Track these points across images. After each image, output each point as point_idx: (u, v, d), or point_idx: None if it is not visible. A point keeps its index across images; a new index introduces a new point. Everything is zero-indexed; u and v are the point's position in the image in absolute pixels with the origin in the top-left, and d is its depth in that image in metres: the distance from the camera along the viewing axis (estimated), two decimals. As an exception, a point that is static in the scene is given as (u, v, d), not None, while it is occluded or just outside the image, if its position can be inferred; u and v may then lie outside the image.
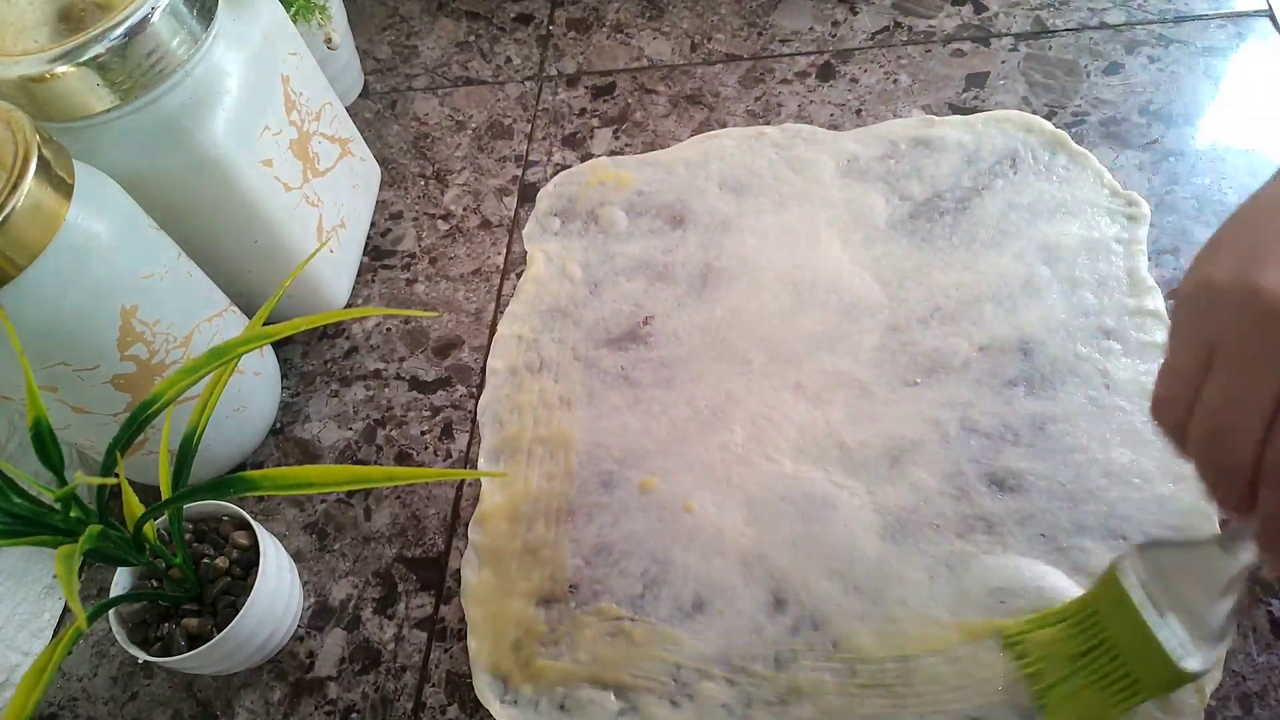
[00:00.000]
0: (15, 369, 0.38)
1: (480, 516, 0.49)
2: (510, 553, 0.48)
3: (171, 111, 0.46)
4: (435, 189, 0.66)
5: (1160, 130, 0.58)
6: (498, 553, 0.48)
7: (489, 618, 0.46)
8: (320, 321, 0.39)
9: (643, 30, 0.72)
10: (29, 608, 0.50)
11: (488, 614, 0.46)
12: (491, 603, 0.47)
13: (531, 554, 0.48)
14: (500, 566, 0.48)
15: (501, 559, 0.48)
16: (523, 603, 0.46)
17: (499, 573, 0.47)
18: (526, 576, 0.47)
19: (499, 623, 0.46)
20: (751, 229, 0.58)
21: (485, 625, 0.46)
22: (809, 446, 0.49)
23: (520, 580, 0.47)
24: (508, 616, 0.46)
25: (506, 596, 0.47)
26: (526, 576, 0.47)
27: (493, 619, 0.46)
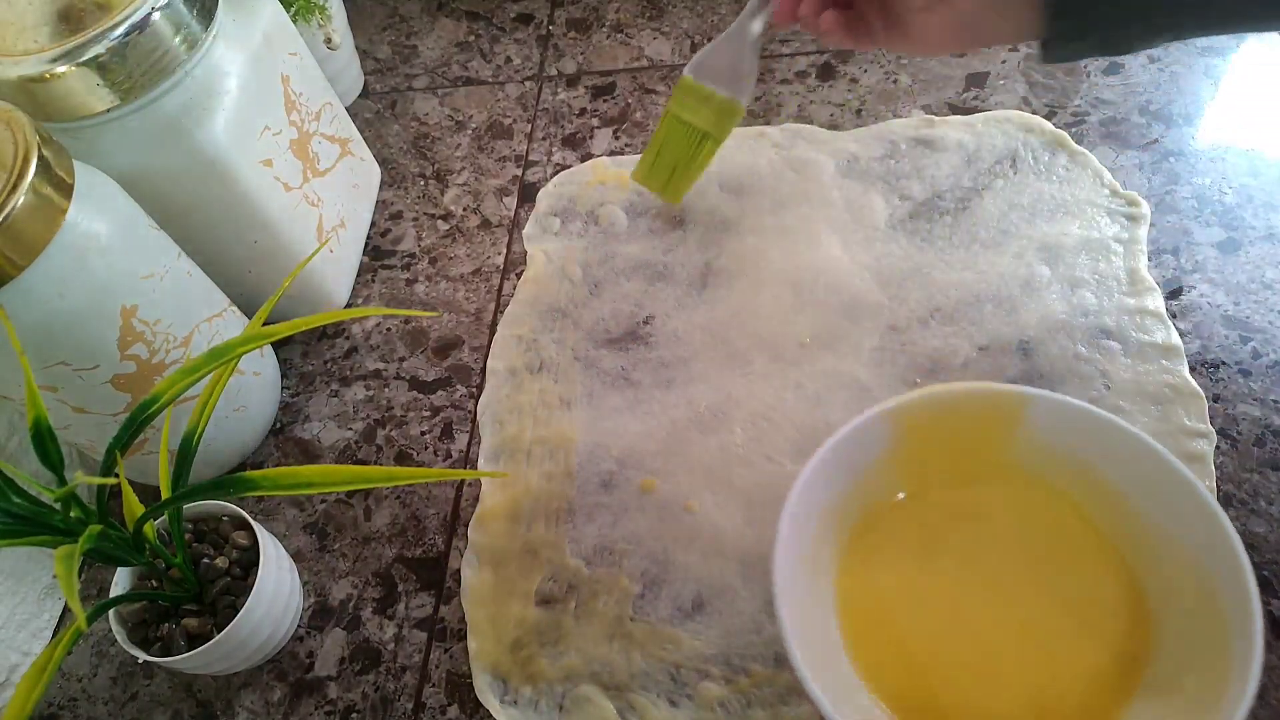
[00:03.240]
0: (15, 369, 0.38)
1: (480, 516, 0.49)
2: (510, 553, 0.48)
3: (171, 111, 0.46)
4: (435, 189, 0.66)
5: (1160, 130, 0.58)
6: (498, 553, 0.48)
7: (489, 618, 0.46)
8: (320, 321, 0.39)
9: (643, 30, 0.72)
10: (29, 608, 0.50)
11: (488, 614, 0.46)
12: (491, 603, 0.47)
13: (531, 554, 0.48)
14: (500, 566, 0.48)
15: (501, 559, 0.48)
16: (523, 603, 0.46)
17: (499, 573, 0.47)
18: (526, 576, 0.47)
19: (499, 623, 0.46)
20: (751, 229, 0.58)
21: (485, 625, 0.46)
22: (809, 446, 0.48)
23: (520, 580, 0.47)
24: (508, 616, 0.46)
25: (506, 596, 0.47)
26: (526, 576, 0.47)
27: (493, 619, 0.46)
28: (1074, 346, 0.49)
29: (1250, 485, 0.45)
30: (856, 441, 0.40)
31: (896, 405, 0.40)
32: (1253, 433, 0.46)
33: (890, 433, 0.40)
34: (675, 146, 0.55)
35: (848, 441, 0.39)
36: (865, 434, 0.40)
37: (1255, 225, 0.53)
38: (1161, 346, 0.48)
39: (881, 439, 0.40)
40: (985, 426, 0.41)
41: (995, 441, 0.41)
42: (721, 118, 0.53)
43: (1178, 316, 0.50)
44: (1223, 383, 0.48)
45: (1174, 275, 0.52)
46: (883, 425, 0.40)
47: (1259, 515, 0.44)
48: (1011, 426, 0.41)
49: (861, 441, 0.40)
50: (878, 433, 0.40)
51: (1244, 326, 0.49)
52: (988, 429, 0.41)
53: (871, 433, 0.40)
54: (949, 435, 0.41)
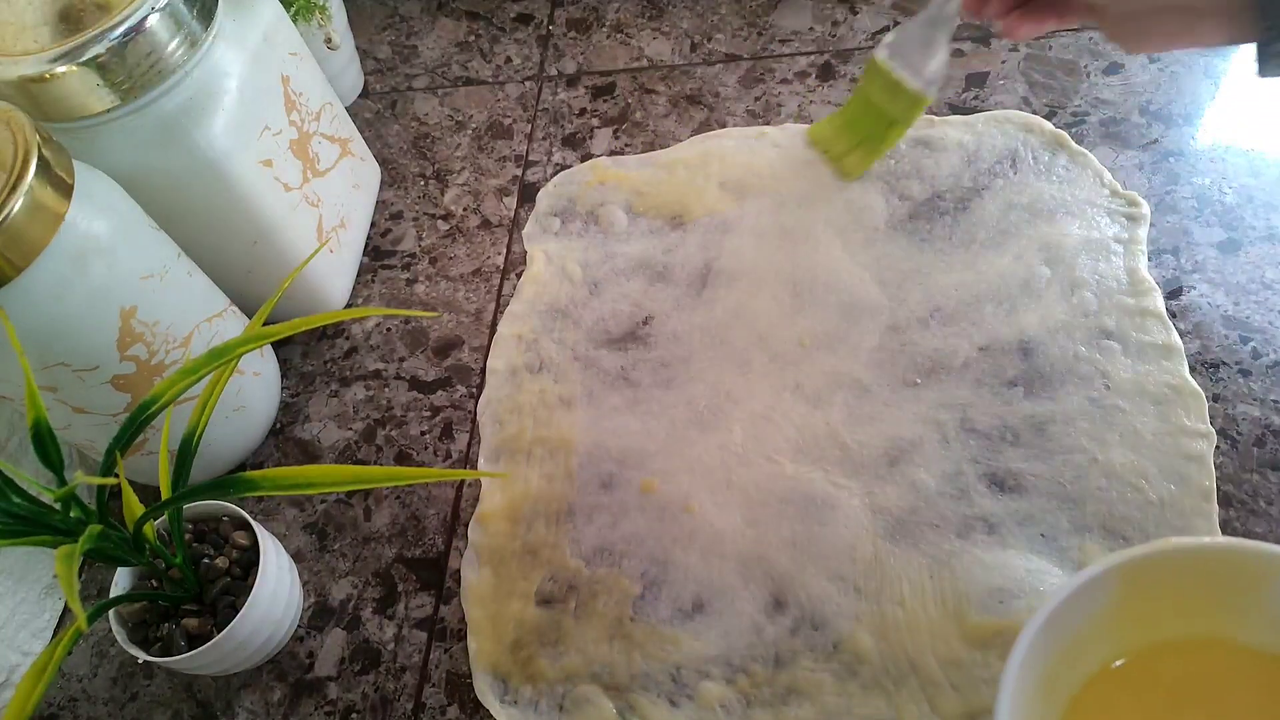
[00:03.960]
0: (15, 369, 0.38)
1: (480, 517, 0.49)
2: (510, 553, 0.48)
3: (171, 112, 0.46)
4: (435, 189, 0.66)
5: (1160, 130, 0.58)
6: (498, 553, 0.48)
7: (489, 618, 0.46)
8: (320, 321, 0.39)
9: (643, 30, 0.72)
10: (29, 608, 0.50)
11: (488, 614, 0.46)
12: (491, 603, 0.47)
13: (531, 554, 0.48)
14: (500, 566, 0.48)
15: (501, 559, 0.48)
16: (523, 603, 0.46)
17: (499, 573, 0.47)
18: (526, 576, 0.47)
19: (499, 623, 0.46)
20: (751, 229, 0.58)
21: (485, 625, 0.46)
22: (809, 447, 0.49)
23: (520, 580, 0.47)
24: (508, 616, 0.46)
25: (506, 596, 0.47)
26: (526, 576, 0.47)
27: (493, 619, 0.46)
28: (1074, 346, 0.49)
29: (1250, 485, 0.45)
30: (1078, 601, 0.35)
31: (1125, 561, 0.35)
32: (1253, 433, 0.46)
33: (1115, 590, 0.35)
34: (863, 125, 0.56)
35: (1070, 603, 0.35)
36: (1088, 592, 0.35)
37: (1255, 225, 0.53)
38: (1161, 346, 0.48)
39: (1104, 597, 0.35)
40: (1223, 590, 0.35)
41: (1234, 609, 0.36)
42: (910, 107, 0.54)
43: (1178, 316, 0.50)
44: (1223, 383, 0.48)
45: (1174, 275, 0.52)
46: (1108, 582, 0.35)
47: (1259, 515, 0.44)
48: (1255, 592, 0.35)
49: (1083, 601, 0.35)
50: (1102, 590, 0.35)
51: (1244, 326, 0.49)
52: (1225, 593, 0.36)
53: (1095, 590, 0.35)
54: (1179, 596, 0.36)
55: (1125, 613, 0.36)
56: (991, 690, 0.41)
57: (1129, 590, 0.35)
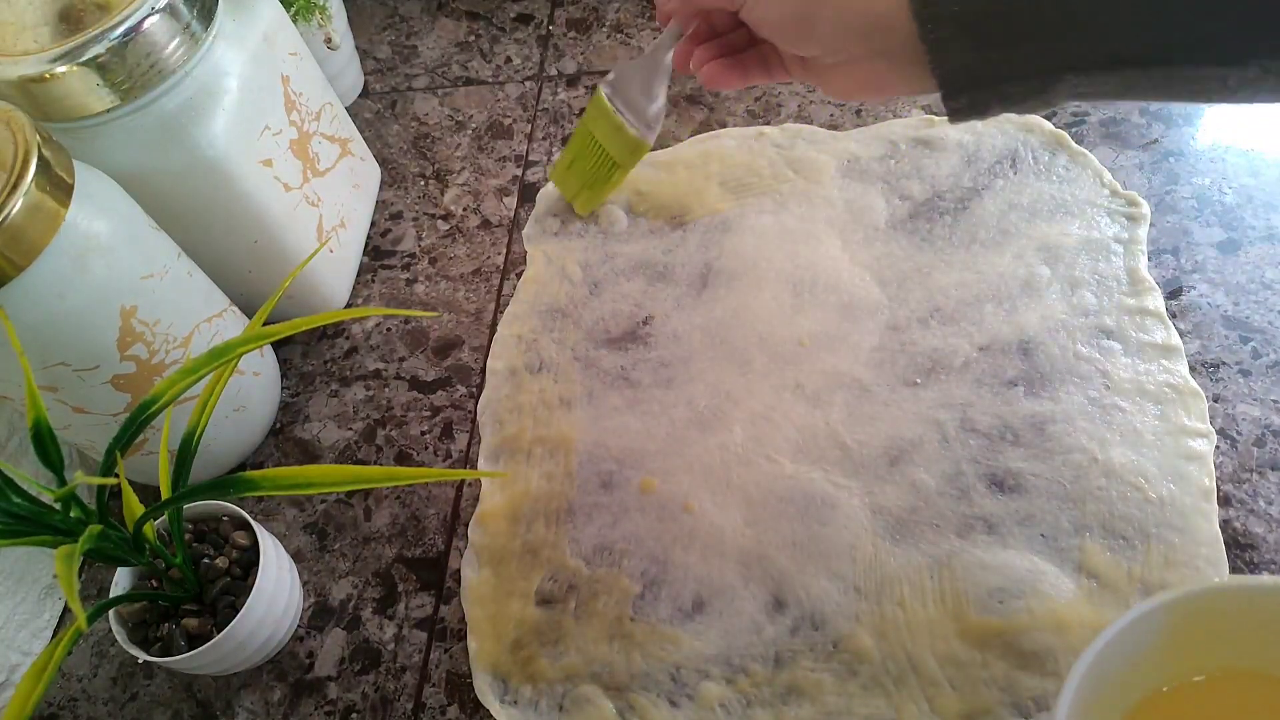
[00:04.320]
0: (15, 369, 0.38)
1: (480, 516, 0.49)
2: (510, 553, 0.48)
3: (171, 111, 0.46)
4: (435, 189, 0.66)
5: (1160, 130, 0.58)
6: (498, 553, 0.48)
7: (489, 618, 0.46)
8: (320, 321, 0.39)
9: (643, 30, 0.72)
10: (29, 608, 0.50)
11: (488, 614, 0.46)
12: (491, 603, 0.47)
13: (531, 554, 0.48)
14: (500, 566, 0.48)
15: (501, 559, 0.48)
16: (523, 603, 0.46)
17: (499, 573, 0.47)
18: (526, 576, 0.47)
19: (499, 623, 0.46)
20: (751, 229, 0.58)
21: (485, 625, 0.46)
22: (809, 446, 0.49)
23: (520, 580, 0.47)
24: (508, 616, 0.46)
25: (506, 596, 0.47)
26: (526, 576, 0.47)
27: (493, 619, 0.46)
28: (1074, 346, 0.49)
29: (1250, 485, 0.45)
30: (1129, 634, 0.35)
31: (1175, 599, 0.35)
32: (1253, 433, 0.46)
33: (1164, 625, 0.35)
34: (586, 162, 0.56)
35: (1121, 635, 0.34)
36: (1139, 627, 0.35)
37: (1255, 225, 0.53)
38: (1161, 346, 0.48)
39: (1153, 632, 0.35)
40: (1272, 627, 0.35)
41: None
42: (630, 152, 0.54)
43: (1178, 316, 0.50)
44: (1223, 383, 0.48)
45: (1174, 275, 0.52)
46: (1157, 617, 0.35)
47: (1259, 515, 0.44)
48: None
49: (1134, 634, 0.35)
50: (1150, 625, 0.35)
51: (1244, 326, 0.49)
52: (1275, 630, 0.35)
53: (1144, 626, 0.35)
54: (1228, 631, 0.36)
55: (1173, 645, 0.36)
56: (991, 690, 0.41)
57: (1178, 625, 0.35)
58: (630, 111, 0.52)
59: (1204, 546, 0.43)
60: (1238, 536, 0.43)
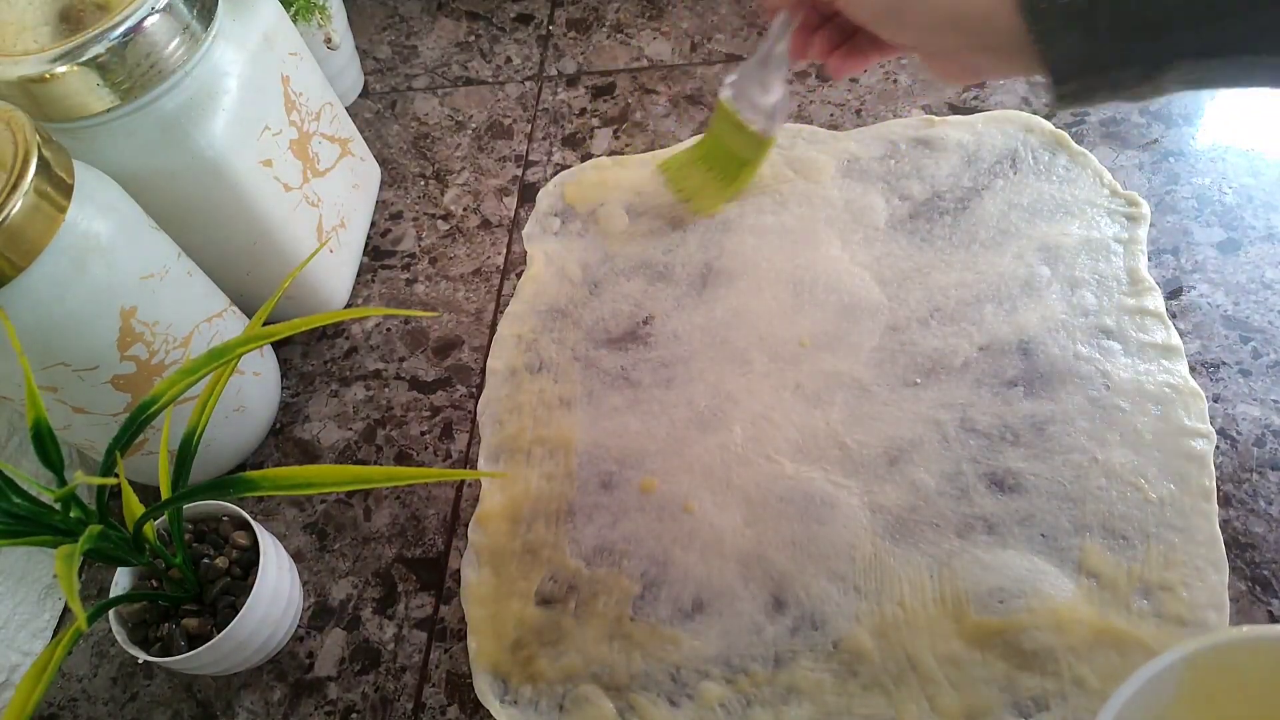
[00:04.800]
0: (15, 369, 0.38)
1: (480, 516, 0.49)
2: (510, 553, 0.48)
3: (171, 112, 0.46)
4: (435, 189, 0.66)
5: (1160, 130, 0.58)
6: (498, 553, 0.48)
7: (489, 618, 0.46)
8: (320, 321, 0.39)
9: (643, 30, 0.72)
10: (29, 608, 0.50)
11: (488, 614, 0.46)
12: (491, 603, 0.47)
13: (531, 554, 0.48)
14: (500, 566, 0.48)
15: (501, 559, 0.48)
16: (523, 603, 0.46)
17: (499, 573, 0.47)
18: (526, 576, 0.47)
19: (499, 623, 0.46)
20: (751, 229, 0.58)
21: (485, 625, 0.46)
22: (809, 447, 0.49)
23: (520, 580, 0.47)
24: (508, 616, 0.46)
25: (506, 596, 0.47)
26: (526, 576, 0.47)
27: (493, 619, 0.46)
28: (1074, 346, 0.49)
29: (1250, 485, 0.45)
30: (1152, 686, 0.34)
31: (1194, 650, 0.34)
32: (1253, 433, 0.46)
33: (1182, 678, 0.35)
34: (715, 163, 0.57)
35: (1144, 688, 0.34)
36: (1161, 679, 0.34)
37: (1255, 225, 0.53)
38: (1161, 346, 0.48)
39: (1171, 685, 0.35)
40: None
41: None
42: (757, 148, 0.55)
43: (1178, 316, 0.50)
44: (1223, 383, 0.48)
45: (1174, 275, 0.52)
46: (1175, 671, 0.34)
47: (1259, 515, 0.44)
48: None
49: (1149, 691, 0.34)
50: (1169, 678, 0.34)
51: (1244, 326, 0.49)
52: None
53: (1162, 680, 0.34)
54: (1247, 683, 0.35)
55: (1190, 699, 0.35)
56: (991, 689, 0.41)
57: (1195, 677, 0.35)
58: (751, 110, 0.53)
59: (1204, 546, 0.43)
60: (1238, 536, 0.43)
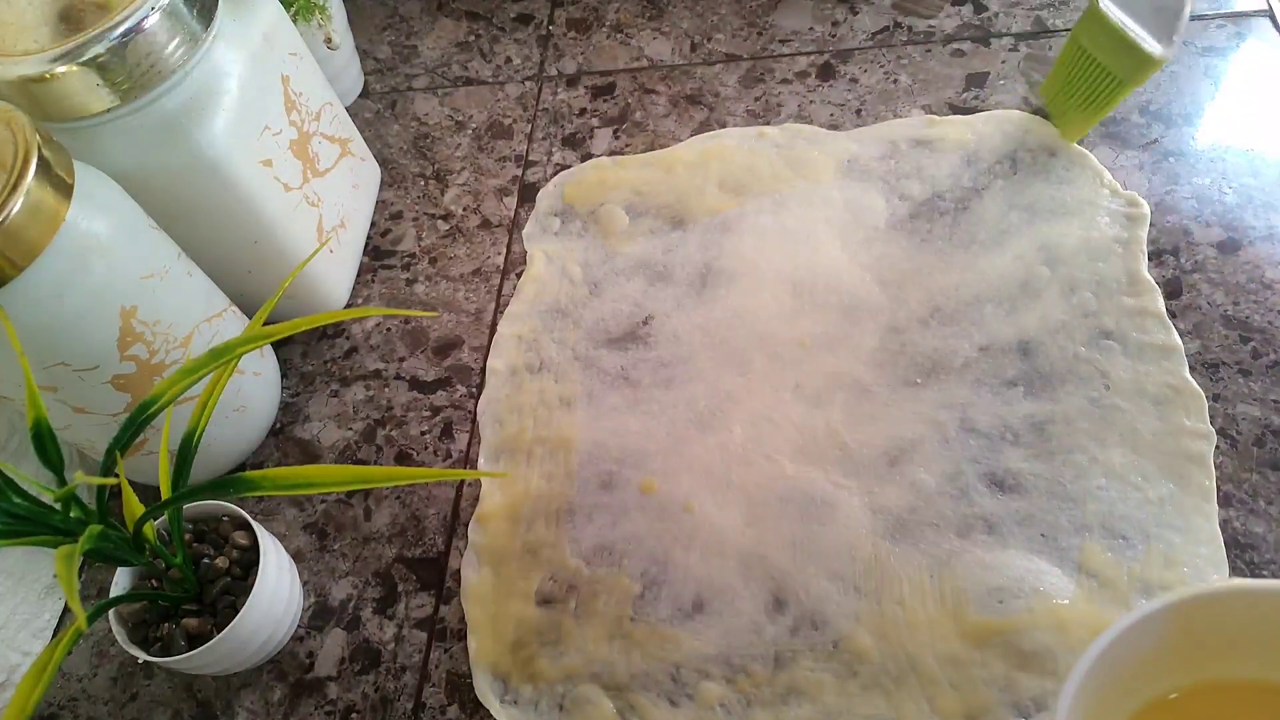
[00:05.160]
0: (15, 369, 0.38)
1: (480, 516, 0.49)
2: (510, 553, 0.48)
3: (171, 112, 0.46)
4: (435, 189, 0.66)
5: (1160, 130, 0.58)
6: (498, 553, 0.48)
7: (489, 618, 0.46)
8: (320, 321, 0.39)
9: (643, 30, 0.72)
10: (29, 608, 0.50)
11: (488, 614, 0.46)
12: (491, 603, 0.47)
13: (531, 554, 0.48)
14: (500, 566, 0.48)
15: (501, 559, 0.48)
16: (523, 603, 0.46)
17: (499, 573, 0.47)
18: (526, 576, 0.47)
19: (499, 623, 0.46)
20: (751, 229, 0.58)
21: (485, 625, 0.46)
22: (809, 447, 0.49)
23: (520, 580, 0.47)
24: (508, 616, 0.46)
25: (506, 596, 0.47)
26: (526, 576, 0.47)
27: (493, 619, 0.46)
28: (1074, 347, 0.49)
29: (1250, 485, 0.45)
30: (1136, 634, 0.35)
31: (1182, 599, 0.34)
32: (1253, 433, 0.46)
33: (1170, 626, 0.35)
34: (1083, 83, 0.52)
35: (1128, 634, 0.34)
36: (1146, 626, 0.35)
37: (1255, 225, 0.53)
38: (1161, 347, 0.48)
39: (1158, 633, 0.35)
40: None
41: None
42: (1140, 68, 0.48)
43: (1178, 316, 0.50)
44: (1223, 383, 0.48)
45: (1174, 275, 0.52)
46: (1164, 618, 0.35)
47: (1259, 515, 0.44)
48: None
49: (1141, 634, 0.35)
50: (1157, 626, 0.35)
51: (1244, 326, 0.49)
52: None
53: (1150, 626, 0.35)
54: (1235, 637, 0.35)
55: (1183, 650, 0.35)
56: (991, 689, 0.41)
57: (1188, 628, 0.35)
58: (1138, 21, 0.47)
59: (1204, 546, 0.43)
60: (1238, 536, 0.43)
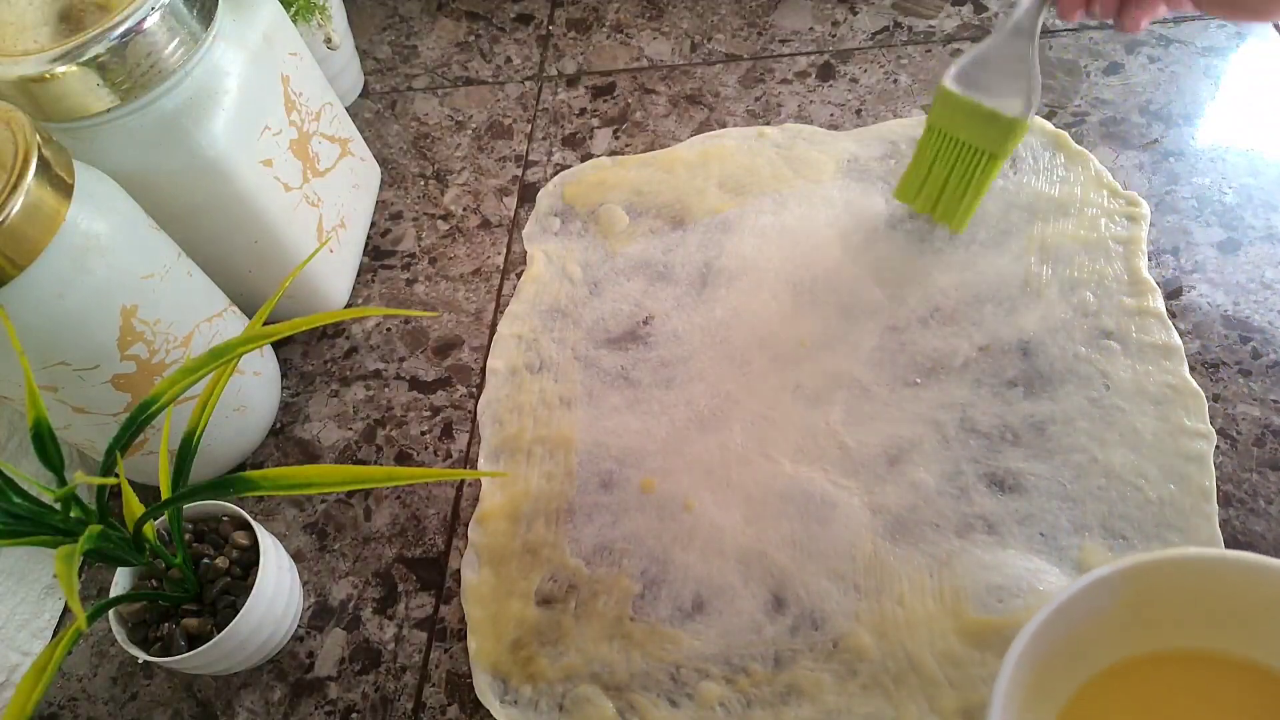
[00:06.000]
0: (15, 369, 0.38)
1: (480, 516, 0.49)
2: (510, 553, 0.48)
3: (171, 112, 0.46)
4: (435, 189, 0.66)
5: (1160, 130, 0.58)
6: (498, 553, 0.48)
7: (489, 618, 0.46)
8: (320, 321, 0.39)
9: (643, 30, 0.72)
10: (29, 608, 0.50)
11: (488, 614, 0.46)
12: (491, 603, 0.47)
13: (531, 554, 0.48)
14: (500, 566, 0.48)
15: (501, 559, 0.48)
16: (523, 603, 0.46)
17: (499, 573, 0.47)
18: (526, 576, 0.47)
19: (499, 623, 0.46)
20: (751, 229, 0.58)
21: (485, 625, 0.46)
22: (809, 446, 0.49)
23: (520, 580, 0.47)
24: (508, 616, 0.46)
25: (506, 596, 0.47)
26: (526, 576, 0.47)
27: (493, 619, 0.46)
28: (1074, 347, 0.49)
29: (1250, 485, 0.45)
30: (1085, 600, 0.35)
31: (1133, 565, 0.35)
32: (1253, 433, 0.46)
33: (1121, 594, 0.35)
34: (948, 170, 0.51)
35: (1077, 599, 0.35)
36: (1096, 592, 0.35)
37: (1255, 225, 0.53)
38: (1161, 346, 0.48)
39: (1109, 600, 0.36)
40: (1231, 604, 0.35)
41: (1241, 624, 0.35)
42: (1006, 136, 0.47)
43: (1178, 316, 0.50)
44: (1223, 383, 0.48)
45: (1174, 275, 0.52)
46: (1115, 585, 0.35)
47: (1259, 515, 0.44)
48: (1264, 608, 0.35)
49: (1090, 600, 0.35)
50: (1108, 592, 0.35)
51: (1244, 326, 0.49)
52: (1234, 607, 0.35)
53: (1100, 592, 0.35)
54: (1186, 607, 0.36)
55: (1129, 619, 0.36)
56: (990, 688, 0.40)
57: (1135, 596, 0.35)
58: (990, 95, 0.47)
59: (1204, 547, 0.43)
60: (1238, 536, 0.43)
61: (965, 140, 0.49)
